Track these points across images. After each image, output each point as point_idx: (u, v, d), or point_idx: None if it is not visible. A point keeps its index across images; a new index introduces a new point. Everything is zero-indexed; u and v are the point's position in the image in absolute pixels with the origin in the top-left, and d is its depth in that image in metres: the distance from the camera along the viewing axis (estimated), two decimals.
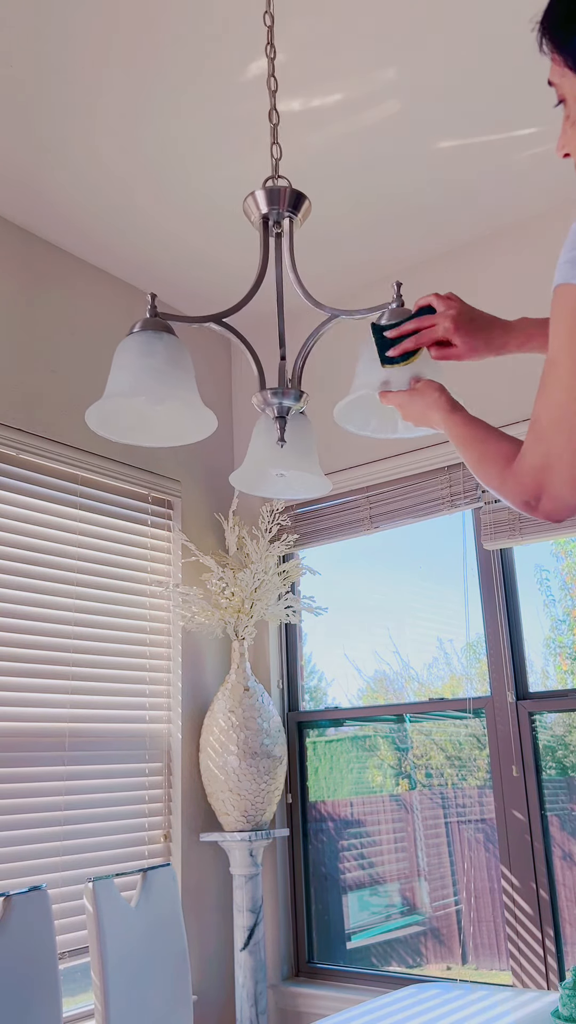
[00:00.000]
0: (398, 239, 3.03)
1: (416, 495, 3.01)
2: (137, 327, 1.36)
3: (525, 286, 2.90)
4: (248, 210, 1.54)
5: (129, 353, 1.34)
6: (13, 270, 2.83)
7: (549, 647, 2.72)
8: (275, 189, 1.52)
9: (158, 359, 1.32)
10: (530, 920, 2.55)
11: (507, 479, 1.07)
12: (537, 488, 1.02)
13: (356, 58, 2.24)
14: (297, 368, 1.47)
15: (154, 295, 1.40)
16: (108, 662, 2.84)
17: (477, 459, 1.14)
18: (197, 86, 2.32)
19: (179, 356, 1.34)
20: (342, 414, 1.44)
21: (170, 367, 1.32)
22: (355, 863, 3.02)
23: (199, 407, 1.36)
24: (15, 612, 2.59)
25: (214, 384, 3.59)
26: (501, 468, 1.09)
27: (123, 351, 1.35)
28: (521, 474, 1.04)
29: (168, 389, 1.30)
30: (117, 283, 3.21)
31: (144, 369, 1.31)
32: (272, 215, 1.53)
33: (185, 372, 1.34)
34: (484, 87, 2.35)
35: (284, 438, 1.45)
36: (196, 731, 3.07)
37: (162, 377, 1.31)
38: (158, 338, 1.34)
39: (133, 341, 1.35)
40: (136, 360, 1.33)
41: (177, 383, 1.31)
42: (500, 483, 1.09)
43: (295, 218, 1.54)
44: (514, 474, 1.05)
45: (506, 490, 1.07)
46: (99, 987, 2.02)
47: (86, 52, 2.20)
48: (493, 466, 1.11)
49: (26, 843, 2.46)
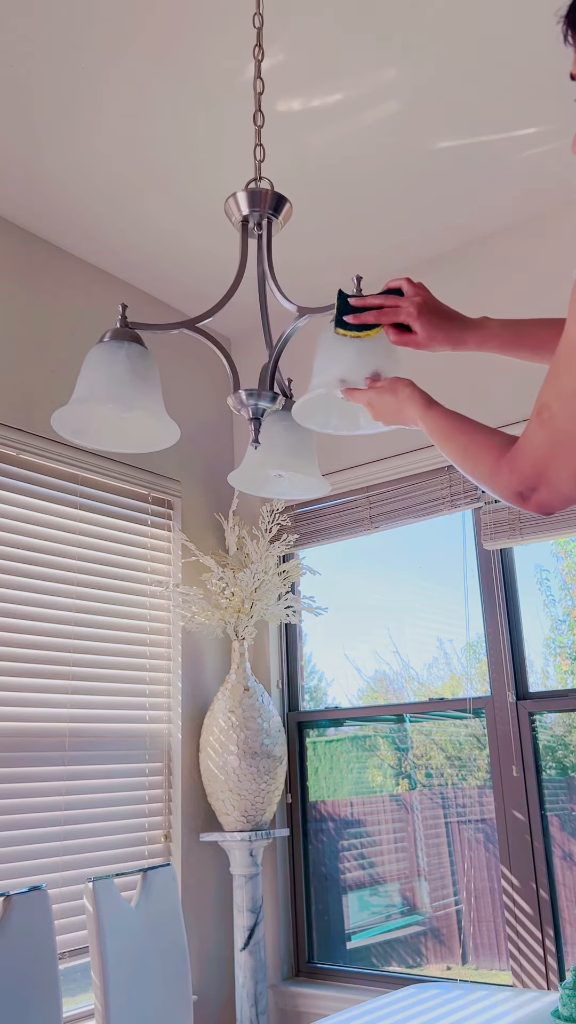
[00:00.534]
0: (397, 239, 3.03)
1: (416, 495, 3.01)
2: (107, 336, 1.40)
3: (525, 286, 2.90)
4: (229, 212, 1.54)
5: (93, 362, 1.38)
6: (13, 270, 2.83)
7: (549, 647, 2.72)
8: (256, 191, 1.52)
9: (119, 368, 1.36)
10: (530, 920, 2.55)
11: (501, 468, 1.02)
12: (535, 478, 0.98)
13: (356, 58, 2.24)
14: (269, 369, 1.44)
15: (124, 305, 1.44)
16: (108, 662, 2.84)
17: (463, 449, 1.10)
18: (197, 85, 2.32)
19: (142, 365, 1.37)
20: (302, 412, 1.39)
21: (132, 376, 1.36)
22: (355, 863, 3.02)
23: (162, 416, 1.39)
24: (15, 612, 2.59)
25: (213, 384, 3.59)
26: (493, 457, 1.04)
27: (89, 360, 1.39)
28: (519, 462, 1.00)
29: (130, 398, 1.34)
30: (117, 283, 3.21)
31: (107, 378, 1.35)
32: (252, 217, 1.53)
33: (147, 381, 1.37)
34: (484, 87, 2.35)
35: (258, 440, 1.43)
36: (196, 731, 3.07)
37: (124, 386, 1.35)
38: (121, 347, 1.38)
39: (99, 350, 1.39)
40: (99, 369, 1.37)
41: (139, 392, 1.35)
42: (492, 471, 1.04)
43: (275, 220, 1.54)
44: (510, 461, 1.01)
45: (498, 479, 1.03)
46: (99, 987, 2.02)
47: (87, 52, 2.20)
48: (483, 455, 1.06)
49: (26, 843, 2.46)
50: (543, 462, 0.97)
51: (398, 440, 3.07)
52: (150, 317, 3.33)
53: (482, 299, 2.99)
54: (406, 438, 3.04)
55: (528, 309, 2.87)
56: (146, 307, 3.32)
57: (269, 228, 1.54)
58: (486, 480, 1.05)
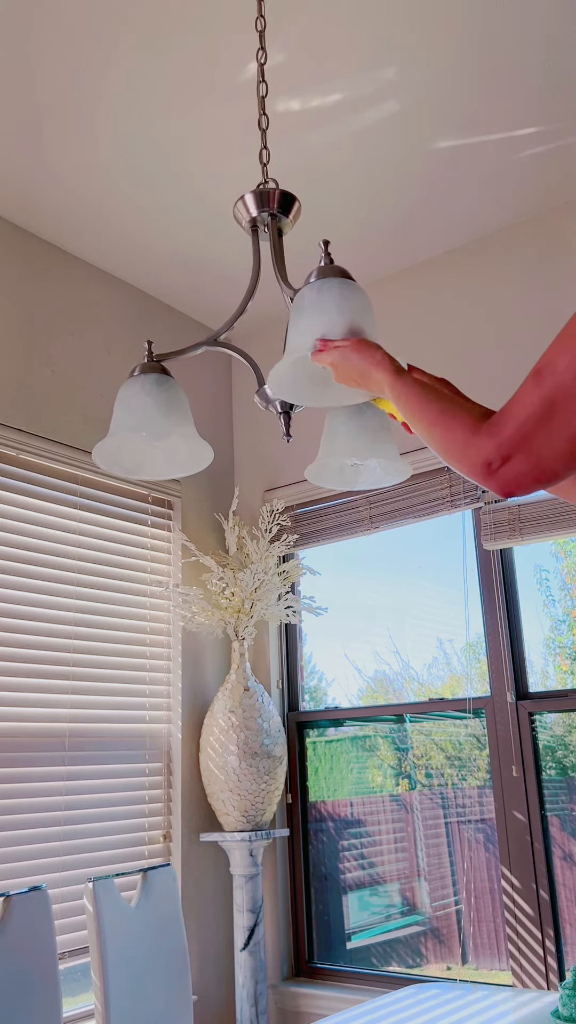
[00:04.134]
0: (397, 239, 3.03)
1: (416, 495, 3.01)
2: (136, 371, 1.49)
3: (525, 286, 2.90)
4: (239, 215, 1.54)
5: (126, 397, 1.47)
6: (13, 270, 2.83)
7: (549, 647, 2.72)
8: (264, 192, 1.52)
9: (150, 400, 1.45)
10: (530, 920, 2.55)
11: (478, 431, 0.94)
12: (515, 443, 0.90)
13: (356, 58, 2.24)
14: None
15: (150, 342, 1.51)
16: (108, 662, 2.84)
17: (435, 415, 1.01)
18: (199, 85, 2.32)
19: (171, 395, 1.47)
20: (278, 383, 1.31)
21: (162, 407, 1.45)
22: (355, 863, 3.02)
23: (195, 440, 1.48)
24: (15, 612, 2.59)
25: (213, 383, 3.59)
26: (468, 424, 0.96)
27: (121, 395, 1.48)
28: (501, 425, 0.92)
29: (163, 427, 1.43)
30: (117, 283, 3.21)
31: (139, 410, 1.44)
32: (262, 218, 1.53)
33: (177, 410, 1.47)
34: (484, 87, 2.35)
35: (290, 433, 1.46)
36: (196, 731, 3.07)
37: (156, 417, 1.44)
38: (149, 380, 1.47)
39: (130, 386, 1.48)
40: (132, 403, 1.45)
41: (171, 421, 1.44)
42: (466, 438, 0.95)
43: (285, 220, 1.54)
44: (490, 425, 0.93)
45: (471, 447, 0.94)
46: (99, 987, 2.02)
47: (89, 51, 2.20)
48: (457, 422, 0.98)
49: (26, 843, 2.46)
50: (530, 424, 0.89)
51: (398, 440, 3.07)
52: (153, 318, 3.33)
53: (480, 299, 2.99)
54: (406, 438, 3.03)
55: (528, 309, 2.87)
56: (147, 307, 3.32)
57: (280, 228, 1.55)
58: (456, 449, 0.97)
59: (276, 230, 1.55)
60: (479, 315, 2.99)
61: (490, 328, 2.95)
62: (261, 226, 1.55)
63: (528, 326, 2.86)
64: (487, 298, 2.98)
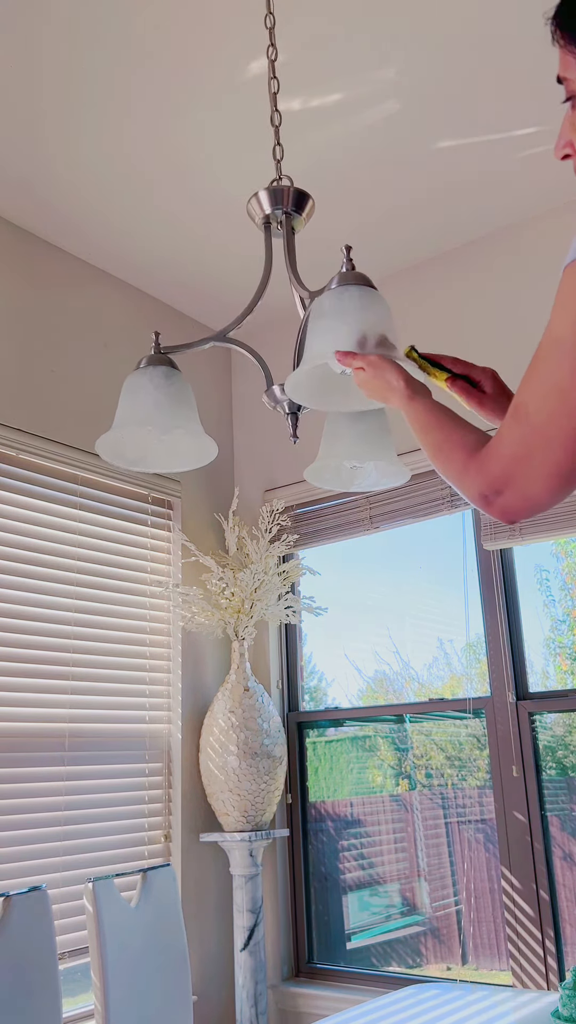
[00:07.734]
0: (397, 239, 3.03)
1: (416, 495, 3.01)
2: (143, 363, 1.47)
3: (525, 286, 2.90)
4: (252, 211, 1.54)
5: (131, 388, 1.44)
6: (13, 270, 2.83)
7: (549, 647, 2.72)
8: (278, 189, 1.52)
9: (156, 393, 1.43)
10: (530, 921, 2.55)
11: (470, 467, 1.00)
12: (503, 479, 0.94)
13: (356, 58, 2.24)
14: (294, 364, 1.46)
15: (157, 333, 1.50)
16: (108, 662, 2.84)
17: (437, 445, 1.07)
18: (200, 85, 2.32)
19: (177, 388, 1.45)
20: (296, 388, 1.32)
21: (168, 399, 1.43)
22: (355, 863, 3.02)
23: (199, 434, 1.46)
24: (15, 612, 2.59)
25: (213, 382, 3.59)
26: (464, 456, 1.02)
27: (126, 386, 1.45)
28: (489, 461, 0.96)
29: (168, 420, 1.41)
30: (117, 283, 3.21)
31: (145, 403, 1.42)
32: (275, 215, 1.53)
33: (183, 403, 1.45)
34: (484, 87, 2.35)
35: (296, 434, 1.46)
36: (196, 731, 3.07)
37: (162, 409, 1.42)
38: (156, 372, 1.45)
39: (136, 377, 1.45)
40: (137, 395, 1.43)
41: (176, 414, 1.42)
42: (461, 470, 1.01)
43: (299, 218, 1.54)
44: (480, 461, 0.98)
45: (467, 479, 1.00)
46: (99, 987, 2.02)
47: (89, 51, 2.20)
48: (455, 453, 1.03)
49: (26, 843, 2.46)
50: (513, 463, 0.93)
51: (398, 441, 3.07)
52: (154, 318, 3.33)
53: (480, 299, 2.99)
54: (406, 438, 3.03)
55: (528, 309, 2.87)
56: (147, 307, 3.32)
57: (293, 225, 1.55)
58: (457, 478, 1.03)
59: (289, 227, 1.55)
60: (479, 315, 2.99)
61: (490, 328, 2.95)
62: (274, 223, 1.55)
63: (528, 326, 2.86)
64: (486, 299, 2.98)
